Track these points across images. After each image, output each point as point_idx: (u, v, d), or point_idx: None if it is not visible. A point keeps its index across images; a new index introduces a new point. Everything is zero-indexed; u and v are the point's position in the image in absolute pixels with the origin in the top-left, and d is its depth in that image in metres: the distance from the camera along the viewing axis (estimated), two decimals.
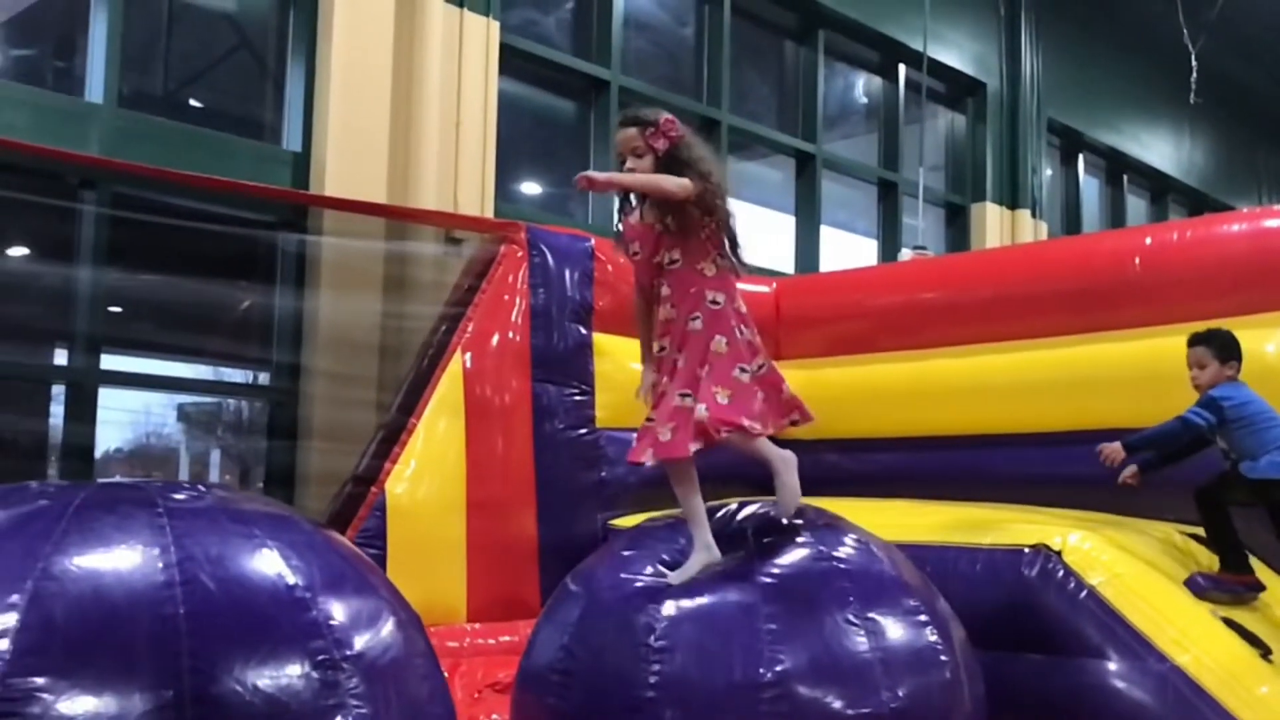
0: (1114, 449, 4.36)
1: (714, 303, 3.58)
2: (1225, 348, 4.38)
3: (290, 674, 2.15)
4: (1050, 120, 11.83)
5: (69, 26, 6.20)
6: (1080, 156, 12.88)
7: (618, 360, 5.88)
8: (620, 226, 3.83)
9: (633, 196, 3.74)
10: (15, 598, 2.06)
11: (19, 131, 5.35)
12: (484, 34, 7.02)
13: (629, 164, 3.63)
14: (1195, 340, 4.44)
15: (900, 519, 4.73)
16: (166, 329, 5.94)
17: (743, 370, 3.55)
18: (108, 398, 5.86)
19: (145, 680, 2.03)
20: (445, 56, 6.71)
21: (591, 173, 3.60)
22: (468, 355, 5.62)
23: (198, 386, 6.92)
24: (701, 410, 3.44)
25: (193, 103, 6.71)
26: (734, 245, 3.70)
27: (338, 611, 2.31)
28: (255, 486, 6.73)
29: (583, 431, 5.87)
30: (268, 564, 2.31)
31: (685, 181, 3.54)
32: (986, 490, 5.49)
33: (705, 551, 3.41)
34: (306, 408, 6.17)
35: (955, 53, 10.83)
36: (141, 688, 2.02)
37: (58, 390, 5.93)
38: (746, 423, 3.48)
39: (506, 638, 5.28)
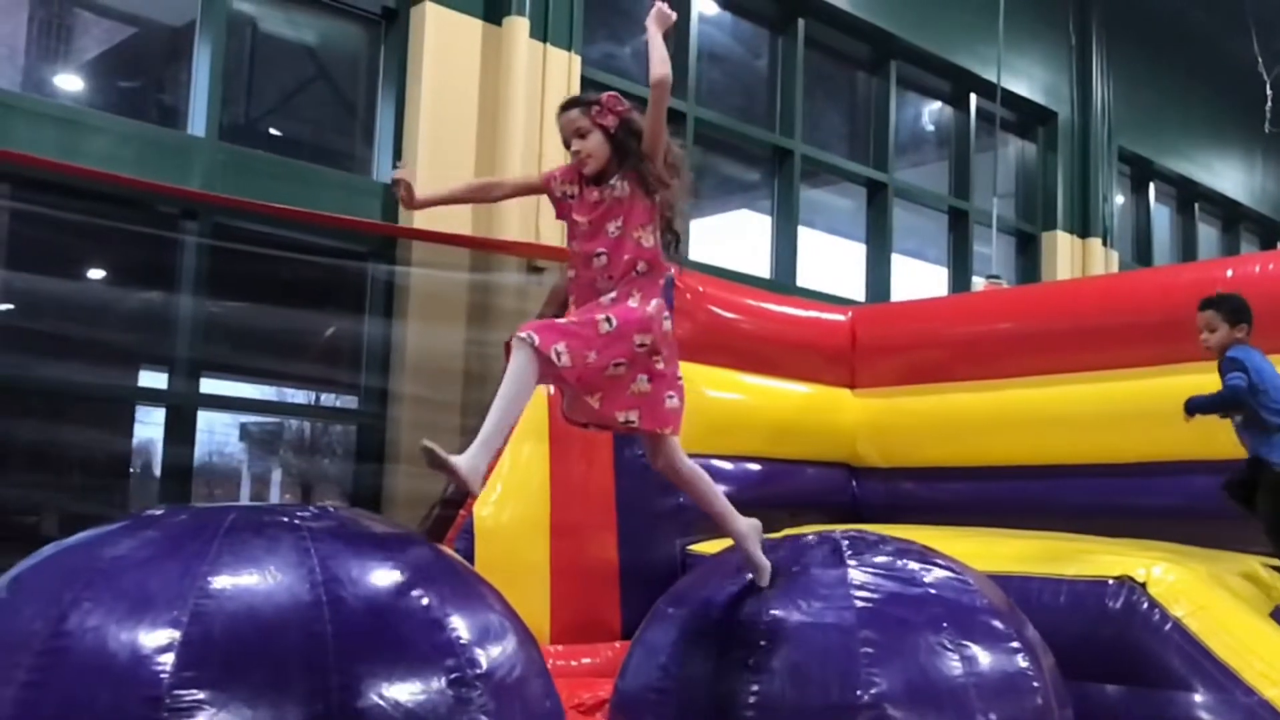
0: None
1: (639, 271, 3.39)
2: (1235, 311, 4.46)
3: (428, 690, 2.26)
4: (1121, 149, 11.81)
5: (164, 58, 6.42)
6: (1151, 185, 12.81)
7: (695, 386, 5.95)
8: (561, 171, 3.52)
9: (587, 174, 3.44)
10: (177, 614, 2.20)
11: (125, 163, 5.59)
12: (566, 67, 7.20)
13: (575, 145, 3.41)
14: (1206, 304, 4.51)
15: (981, 548, 4.72)
16: (261, 354, 6.12)
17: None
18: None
19: (297, 695, 2.15)
20: (529, 90, 6.89)
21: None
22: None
23: (290, 410, 7.12)
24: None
25: (285, 135, 6.92)
26: (672, 229, 3.50)
27: (467, 630, 2.42)
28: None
29: None
30: (404, 584, 2.42)
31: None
32: (1063, 520, 5.51)
33: (750, 531, 3.48)
34: (394, 431, 6.34)
35: (1026, 82, 10.85)
36: (293, 702, 2.14)
37: (140, 411, 6.15)
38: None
39: (588, 660, 5.38)
